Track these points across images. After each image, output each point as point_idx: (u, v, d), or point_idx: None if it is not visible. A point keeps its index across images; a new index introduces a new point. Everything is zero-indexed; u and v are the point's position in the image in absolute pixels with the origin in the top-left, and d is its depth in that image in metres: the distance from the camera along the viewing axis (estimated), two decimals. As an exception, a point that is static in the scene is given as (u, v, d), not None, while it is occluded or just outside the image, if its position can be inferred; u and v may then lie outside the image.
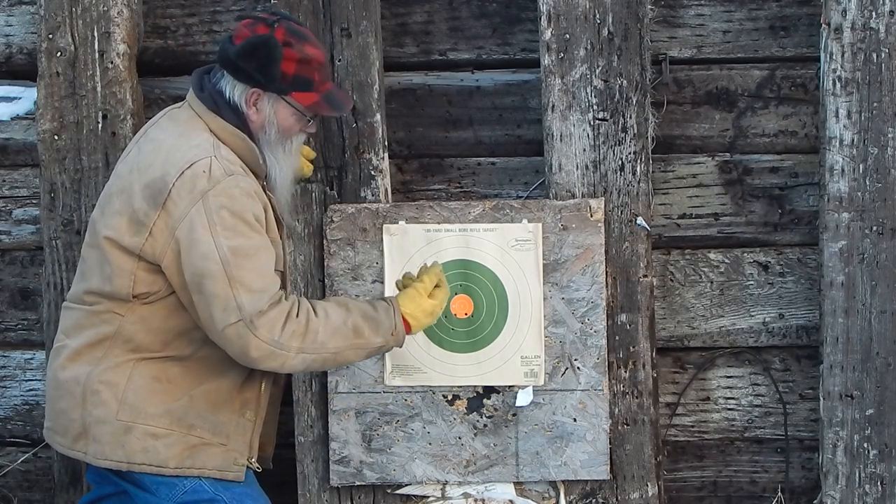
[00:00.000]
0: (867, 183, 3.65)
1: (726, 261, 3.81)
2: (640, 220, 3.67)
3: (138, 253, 3.20)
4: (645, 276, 3.69)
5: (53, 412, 3.34)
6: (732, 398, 3.87)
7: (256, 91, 3.27)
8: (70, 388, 3.27)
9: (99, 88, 3.76)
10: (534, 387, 3.66)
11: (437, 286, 3.42)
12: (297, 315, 3.20)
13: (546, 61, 3.65)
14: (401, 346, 3.38)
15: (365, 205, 3.68)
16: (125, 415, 3.24)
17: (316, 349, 3.21)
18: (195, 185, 3.17)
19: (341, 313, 3.27)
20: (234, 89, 3.28)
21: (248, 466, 3.35)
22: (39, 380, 3.95)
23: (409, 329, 3.36)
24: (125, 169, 3.30)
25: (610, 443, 3.69)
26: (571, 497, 3.73)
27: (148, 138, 3.33)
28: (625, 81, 3.65)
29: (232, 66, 3.26)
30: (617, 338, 3.69)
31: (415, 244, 3.65)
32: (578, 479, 3.70)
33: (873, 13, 3.60)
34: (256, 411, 3.38)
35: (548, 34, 3.65)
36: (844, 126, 3.64)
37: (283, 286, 3.39)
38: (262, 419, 3.41)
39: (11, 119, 3.92)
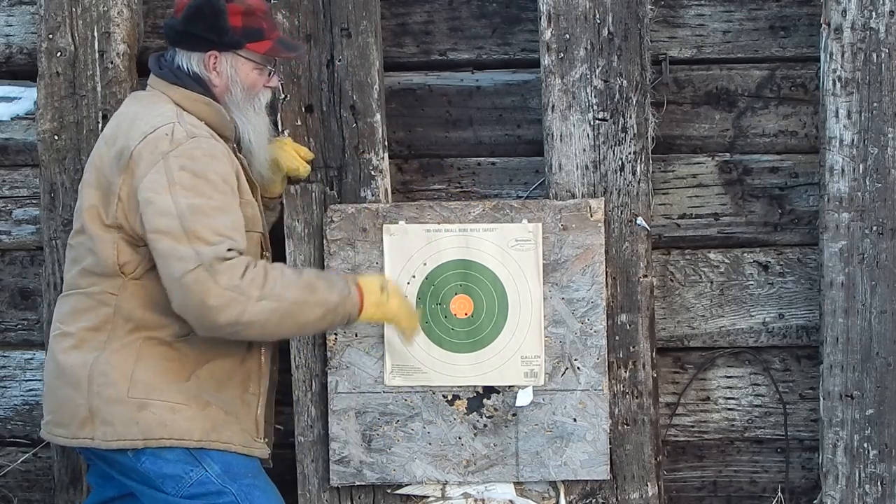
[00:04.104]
0: (867, 183, 3.65)
1: (726, 261, 3.81)
2: (640, 220, 3.67)
3: (115, 223, 3.23)
4: (645, 276, 3.69)
5: (55, 402, 3.30)
6: (732, 398, 3.87)
7: (213, 53, 3.33)
8: (75, 373, 3.25)
9: (99, 88, 3.76)
10: (534, 387, 3.66)
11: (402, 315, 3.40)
12: (255, 266, 3.18)
13: (546, 61, 3.66)
14: (353, 319, 3.31)
15: (365, 205, 3.68)
16: (138, 392, 3.22)
17: (276, 296, 3.16)
18: (157, 146, 3.20)
19: (295, 270, 3.27)
20: (190, 60, 3.34)
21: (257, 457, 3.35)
22: (39, 380, 3.94)
23: (361, 303, 3.30)
24: (98, 145, 3.35)
25: (610, 443, 3.69)
26: (571, 497, 3.73)
27: (115, 115, 3.39)
28: (625, 81, 3.65)
29: (182, 36, 3.32)
30: (617, 338, 3.69)
31: (415, 244, 3.65)
32: (578, 479, 3.70)
33: (873, 13, 3.60)
34: (259, 384, 3.39)
35: (548, 34, 3.65)
36: (844, 126, 3.64)
37: (264, 248, 3.44)
38: (265, 394, 3.41)
39: (11, 119, 3.92)
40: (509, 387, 3.67)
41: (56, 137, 3.77)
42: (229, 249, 3.15)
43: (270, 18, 3.40)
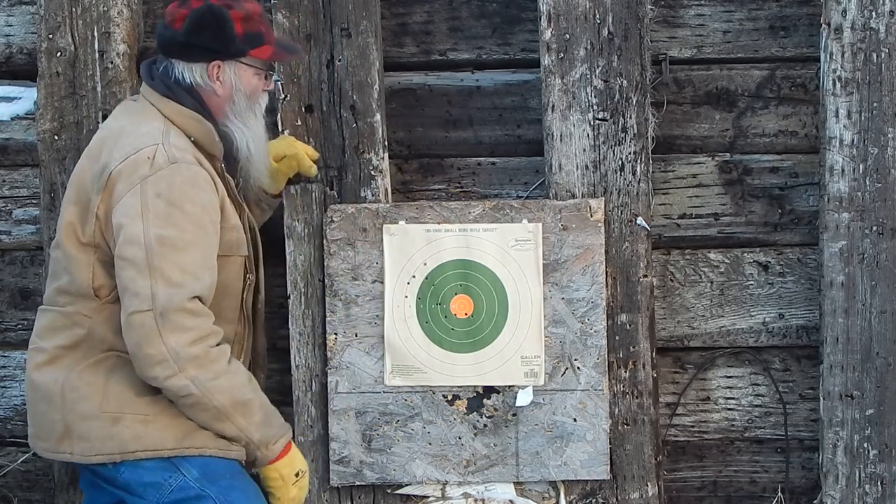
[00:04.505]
0: (867, 183, 3.65)
1: (726, 261, 3.81)
2: (640, 220, 3.67)
3: (92, 242, 3.21)
4: (645, 276, 3.69)
5: (34, 416, 3.30)
6: (732, 398, 3.87)
7: (216, 63, 3.28)
8: (49, 389, 3.24)
9: (99, 88, 3.76)
10: (534, 387, 3.66)
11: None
12: (213, 346, 3.14)
13: (546, 61, 3.65)
14: (257, 464, 3.28)
15: (365, 205, 3.68)
16: (111, 406, 3.20)
17: (205, 389, 3.13)
18: (136, 170, 3.15)
19: (251, 385, 3.23)
20: (192, 71, 3.29)
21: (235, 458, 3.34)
22: (39, 380, 3.95)
23: (279, 457, 3.27)
24: (81, 159, 3.32)
25: (610, 443, 3.69)
26: (571, 497, 3.73)
27: (102, 128, 3.36)
28: (625, 81, 3.65)
29: (183, 48, 3.26)
30: (617, 338, 3.69)
31: (415, 244, 3.65)
32: (578, 479, 3.70)
33: (873, 13, 3.60)
34: None
35: (548, 34, 3.65)
36: (844, 126, 3.64)
37: (248, 271, 3.39)
38: None
39: (11, 119, 3.92)
40: (509, 387, 3.67)
41: (56, 137, 3.77)
42: (192, 298, 3.10)
43: (266, 21, 3.37)
